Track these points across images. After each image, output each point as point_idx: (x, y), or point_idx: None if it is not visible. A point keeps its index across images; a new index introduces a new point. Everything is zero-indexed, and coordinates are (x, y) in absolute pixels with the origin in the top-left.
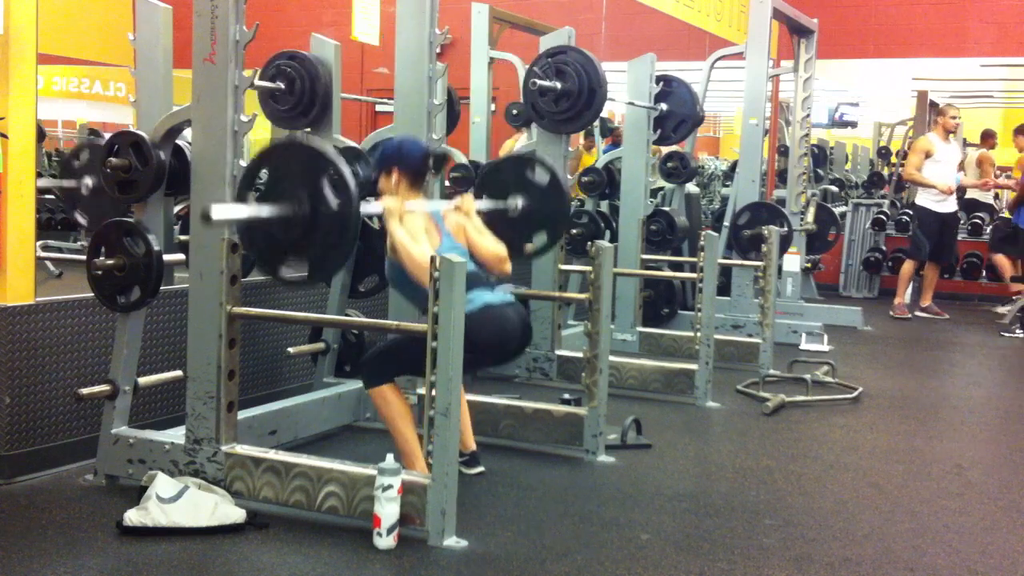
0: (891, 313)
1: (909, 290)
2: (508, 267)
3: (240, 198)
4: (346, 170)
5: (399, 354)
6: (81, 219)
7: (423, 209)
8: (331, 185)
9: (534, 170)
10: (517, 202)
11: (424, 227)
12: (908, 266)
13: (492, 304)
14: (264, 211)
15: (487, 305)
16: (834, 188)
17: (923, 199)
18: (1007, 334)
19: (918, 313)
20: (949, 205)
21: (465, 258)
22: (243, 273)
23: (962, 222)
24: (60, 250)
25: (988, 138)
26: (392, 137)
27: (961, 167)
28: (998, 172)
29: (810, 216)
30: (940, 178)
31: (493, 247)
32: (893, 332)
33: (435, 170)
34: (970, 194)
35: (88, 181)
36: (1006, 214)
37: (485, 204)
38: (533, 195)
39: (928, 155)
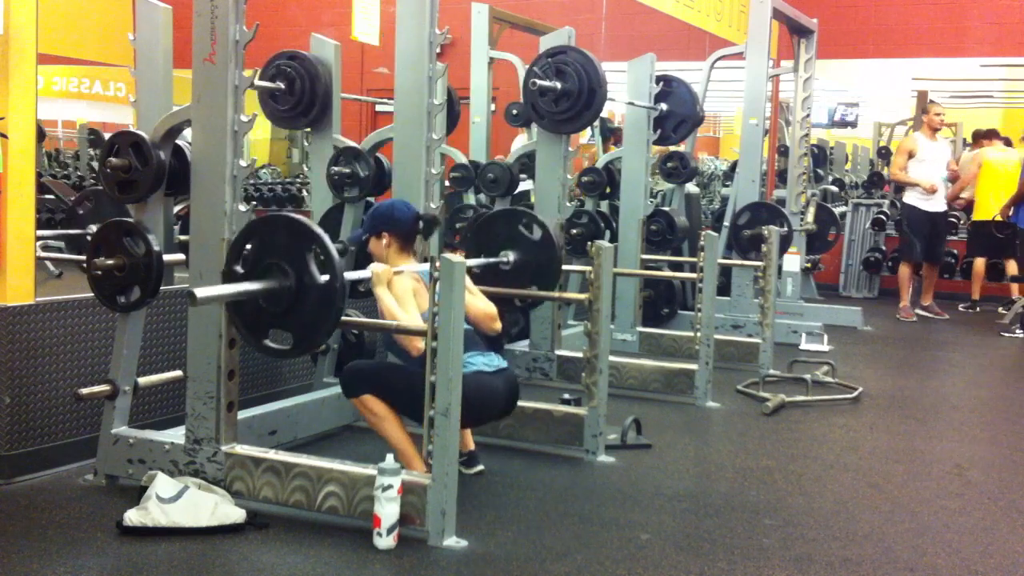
0: (897, 316)
1: (910, 291)
2: (498, 325)
3: (227, 270)
4: (330, 245)
5: (383, 378)
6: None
7: (413, 271)
8: (316, 260)
9: (525, 225)
10: (508, 256)
11: (413, 289)
12: (904, 268)
13: (484, 372)
14: (248, 288)
15: (479, 372)
16: (834, 188)
17: (911, 198)
18: (1007, 334)
19: (918, 311)
20: (938, 204)
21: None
22: None
23: (962, 223)
24: (60, 250)
25: (979, 139)
26: (383, 201)
27: (956, 166)
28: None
29: (810, 216)
30: (924, 177)
31: (483, 306)
32: (893, 332)
33: (425, 234)
34: (965, 193)
35: (93, 228)
36: (996, 216)
37: (476, 261)
38: (524, 250)
39: (912, 154)
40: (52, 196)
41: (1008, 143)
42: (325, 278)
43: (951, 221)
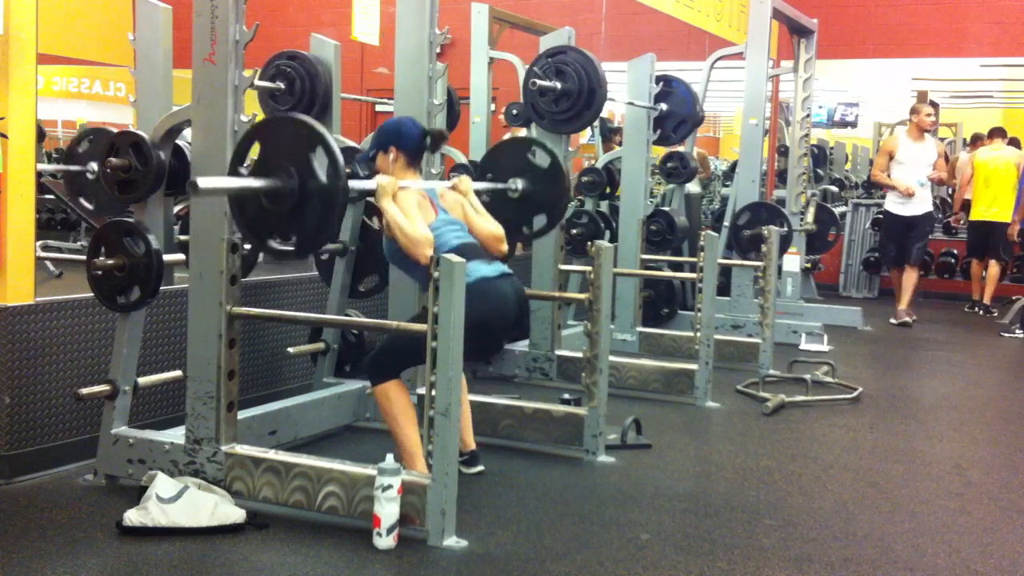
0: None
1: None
2: (505, 247)
3: (232, 172)
4: (335, 144)
5: (401, 346)
6: (87, 204)
7: (418, 187)
8: (320, 158)
9: (535, 153)
10: (517, 184)
11: (418, 203)
12: (895, 273)
13: (488, 277)
14: (252, 183)
15: (483, 278)
16: (834, 188)
17: (888, 203)
18: (1007, 334)
19: (891, 320)
20: (914, 207)
21: (463, 231)
22: (243, 273)
23: (962, 223)
24: (60, 250)
25: (978, 141)
26: (391, 118)
27: (944, 169)
28: None
29: (810, 216)
30: (903, 180)
31: (490, 227)
32: (893, 332)
33: (432, 149)
34: (967, 195)
35: (93, 166)
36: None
37: (483, 185)
38: (533, 178)
39: (892, 156)
40: (52, 196)
41: (1015, 143)
42: (329, 177)
43: (931, 222)
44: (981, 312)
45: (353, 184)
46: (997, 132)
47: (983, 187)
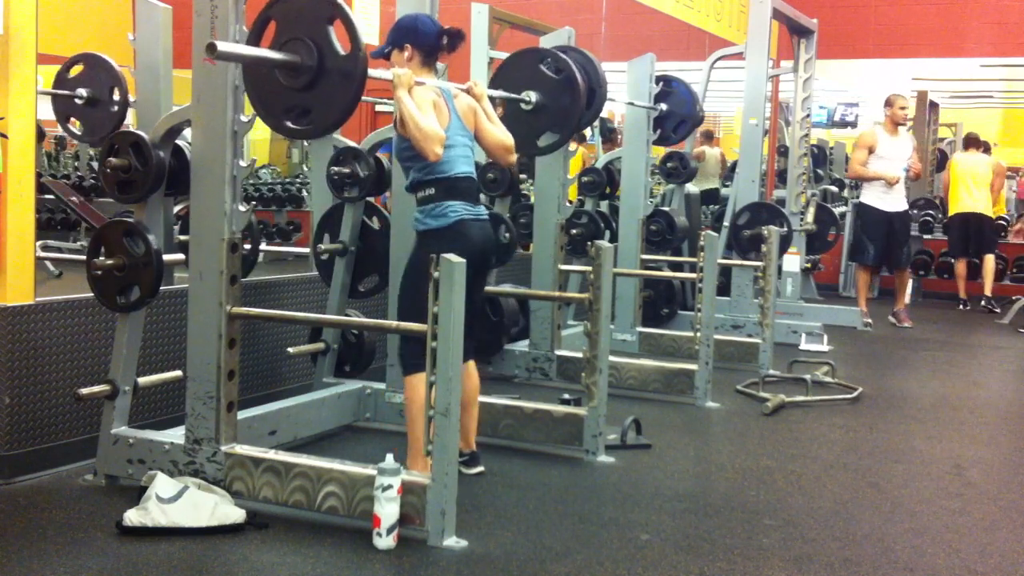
0: (858, 326)
1: (891, 296)
2: (513, 158)
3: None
4: (353, 16)
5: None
6: (75, 129)
7: (434, 85)
8: (336, 32)
9: (548, 64)
10: (530, 96)
11: (433, 102)
12: (862, 274)
13: (464, 219)
14: (271, 54)
15: (460, 220)
16: (834, 188)
17: (868, 196)
18: (1022, 330)
19: (890, 318)
20: (897, 203)
21: (470, 142)
22: (243, 273)
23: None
24: (60, 250)
25: (969, 144)
26: (407, 14)
27: (919, 163)
28: (1011, 174)
29: (810, 216)
30: (885, 172)
31: (501, 135)
32: (893, 332)
33: (449, 49)
34: None
35: (82, 91)
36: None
37: (497, 93)
38: (546, 90)
39: (872, 150)
40: (52, 196)
41: (987, 148)
42: (347, 51)
43: (926, 222)
44: (985, 306)
45: (372, 71)
46: (972, 142)
47: (964, 185)
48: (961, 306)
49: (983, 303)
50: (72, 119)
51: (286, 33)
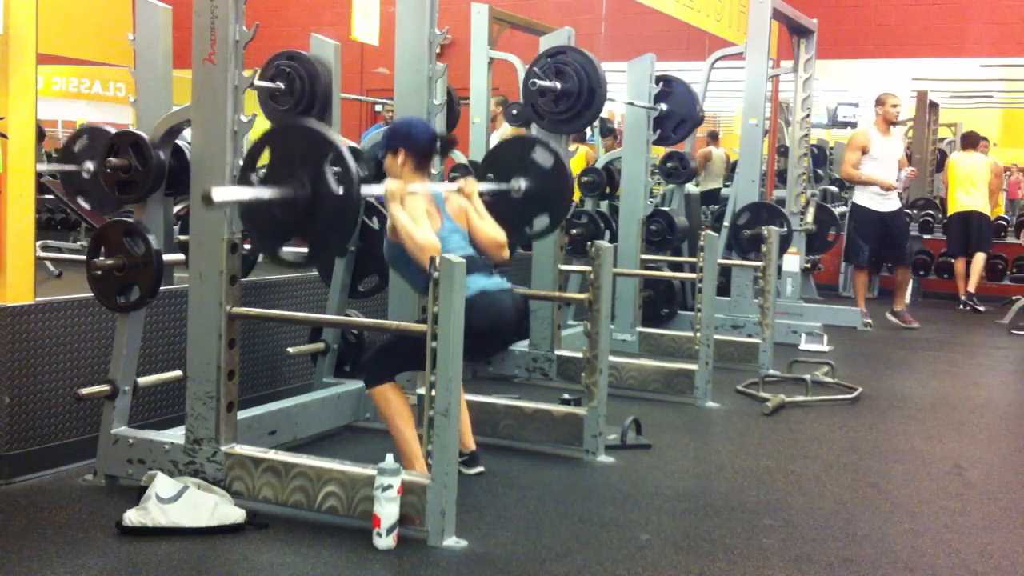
0: (858, 326)
1: (880, 296)
2: (506, 253)
3: (243, 179)
4: (347, 153)
5: (398, 349)
6: (84, 204)
7: (425, 191)
8: (332, 167)
9: (537, 152)
10: (520, 184)
11: (426, 209)
12: (859, 275)
13: (488, 290)
14: (265, 193)
15: (483, 291)
16: (834, 188)
17: (861, 198)
18: (1018, 332)
19: (888, 315)
20: (891, 203)
21: (465, 242)
22: (243, 273)
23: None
24: (60, 250)
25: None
26: (402, 118)
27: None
28: (1010, 172)
29: (810, 216)
30: (880, 175)
31: (493, 232)
32: (893, 332)
33: (442, 154)
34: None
35: (89, 165)
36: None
37: (487, 186)
38: (535, 177)
39: (865, 151)
40: (52, 196)
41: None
42: (341, 190)
43: (926, 221)
44: (967, 303)
45: (363, 190)
46: (970, 142)
47: (962, 185)
48: (961, 306)
49: (964, 299)
50: (81, 195)
51: (282, 165)
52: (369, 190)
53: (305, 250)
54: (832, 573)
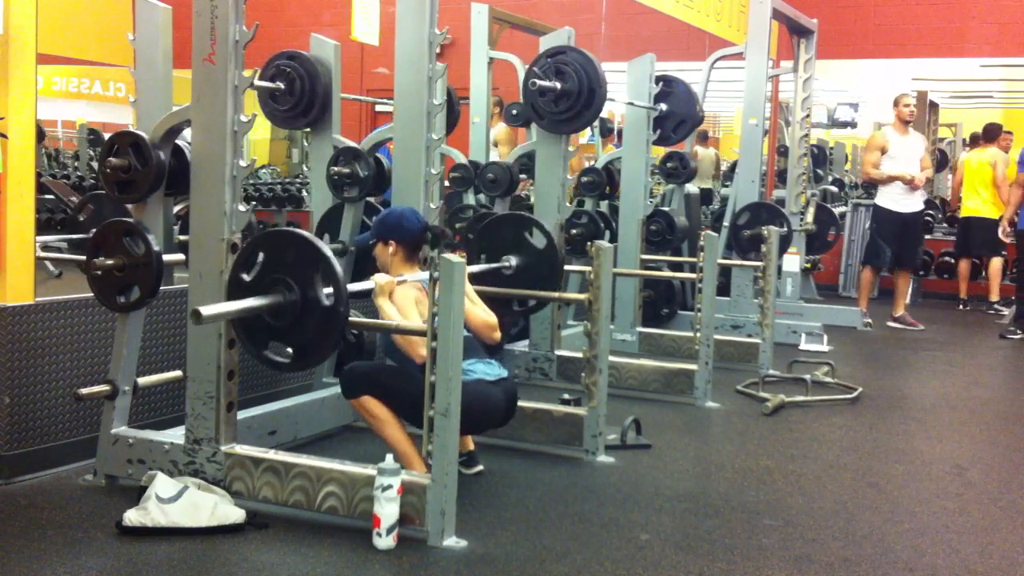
0: (858, 326)
1: (872, 296)
2: (498, 335)
3: (234, 279)
4: (337, 266)
5: (393, 385)
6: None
7: (414, 279)
8: (322, 279)
9: (531, 232)
10: (510, 261)
11: (415, 298)
12: (868, 274)
13: (484, 380)
14: (254, 304)
15: (480, 381)
16: (834, 188)
17: (882, 199)
18: (1009, 336)
19: (890, 323)
20: (912, 204)
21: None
22: None
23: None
24: (60, 250)
25: (976, 141)
26: (393, 208)
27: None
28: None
29: (810, 216)
30: (899, 171)
31: (484, 316)
32: (893, 332)
33: (432, 245)
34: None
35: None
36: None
37: (478, 268)
38: (527, 256)
39: (884, 151)
40: (52, 196)
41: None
42: (330, 301)
43: (926, 221)
44: (989, 311)
45: (350, 287)
46: (975, 139)
47: (966, 186)
48: (961, 306)
49: (988, 308)
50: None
51: (273, 270)
52: (357, 287)
53: (289, 353)
54: (832, 573)
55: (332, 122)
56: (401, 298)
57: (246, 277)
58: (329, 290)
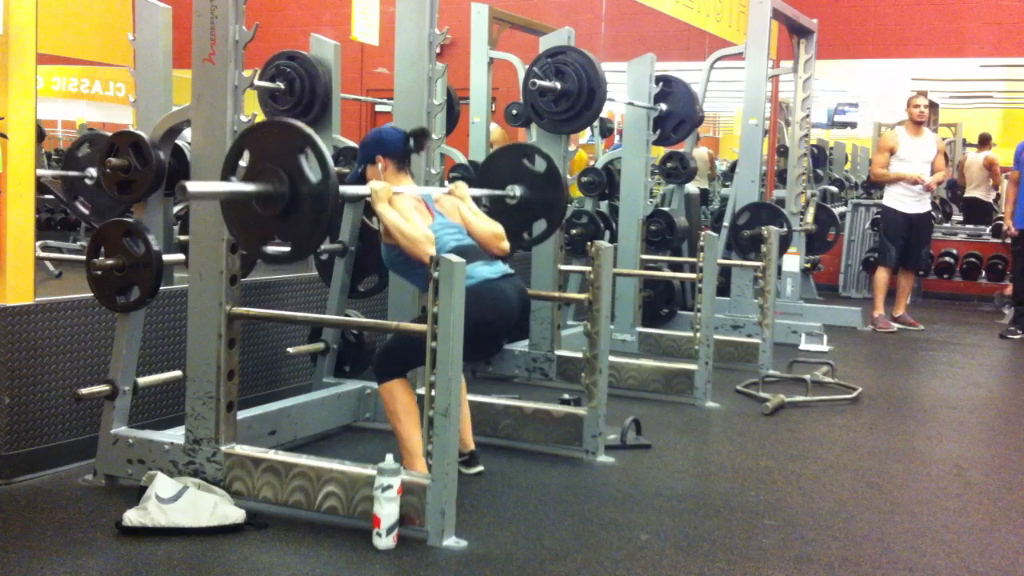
0: (872, 327)
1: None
2: (506, 244)
3: (223, 179)
4: (323, 145)
5: (405, 346)
6: (83, 208)
7: (413, 193)
8: (308, 160)
9: (532, 159)
10: (515, 191)
11: (415, 207)
12: (882, 274)
13: (490, 279)
14: (242, 187)
15: (486, 280)
16: (834, 188)
17: (889, 199)
18: (1009, 336)
19: (891, 323)
20: (919, 205)
21: (461, 233)
22: (243, 273)
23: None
24: (60, 250)
25: (987, 141)
26: (370, 131)
27: (963, 170)
28: (1008, 175)
29: (809, 216)
30: (906, 173)
31: (488, 225)
32: (893, 332)
33: (417, 148)
34: (970, 193)
35: (92, 171)
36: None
37: (481, 191)
38: (530, 184)
39: (894, 151)
40: (52, 196)
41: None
42: (318, 178)
43: (932, 223)
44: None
45: (345, 189)
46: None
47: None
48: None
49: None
50: (81, 199)
51: (260, 162)
52: (354, 190)
53: (287, 248)
54: (832, 573)
55: (332, 122)
56: (401, 204)
57: (233, 179)
58: (317, 169)
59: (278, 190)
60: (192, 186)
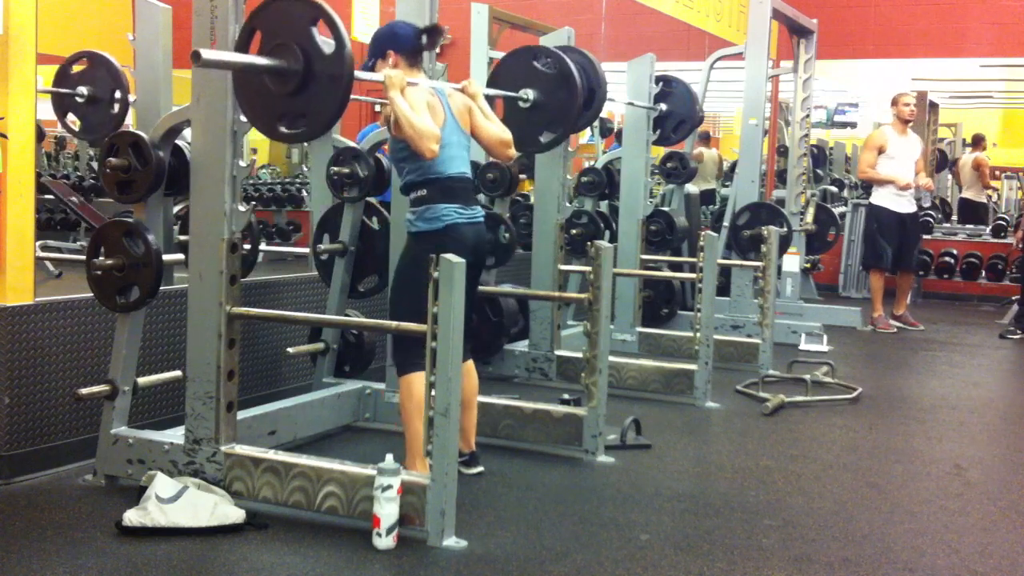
0: (872, 327)
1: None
2: (512, 152)
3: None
4: (335, 15)
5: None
6: (72, 125)
7: (428, 86)
8: (321, 30)
9: (544, 62)
10: (527, 94)
11: (427, 102)
12: (876, 278)
13: (456, 223)
14: (256, 60)
15: (453, 225)
16: (833, 188)
17: (880, 198)
18: (1009, 336)
19: (891, 322)
20: (909, 205)
21: (464, 151)
22: (243, 273)
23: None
24: (60, 250)
25: (980, 141)
26: (382, 25)
27: (957, 171)
28: (998, 174)
29: (809, 216)
30: (897, 174)
31: (498, 131)
32: (893, 332)
33: (429, 45)
34: (963, 194)
35: (83, 89)
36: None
37: (493, 91)
38: (543, 87)
39: (882, 150)
40: (51, 196)
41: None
42: (332, 49)
43: (924, 222)
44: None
45: (359, 74)
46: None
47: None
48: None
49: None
50: (71, 116)
51: (271, 40)
52: (367, 76)
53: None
54: (832, 573)
55: None
56: (413, 97)
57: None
58: (331, 41)
59: (292, 65)
60: (207, 53)
